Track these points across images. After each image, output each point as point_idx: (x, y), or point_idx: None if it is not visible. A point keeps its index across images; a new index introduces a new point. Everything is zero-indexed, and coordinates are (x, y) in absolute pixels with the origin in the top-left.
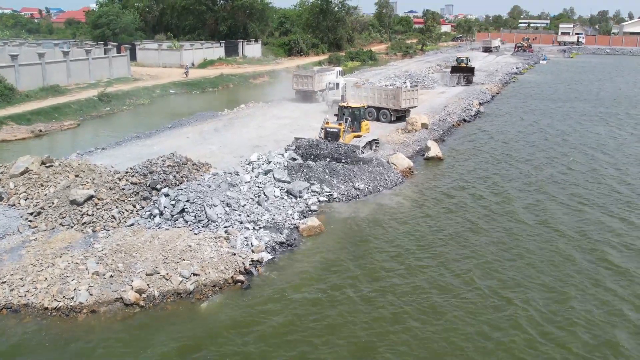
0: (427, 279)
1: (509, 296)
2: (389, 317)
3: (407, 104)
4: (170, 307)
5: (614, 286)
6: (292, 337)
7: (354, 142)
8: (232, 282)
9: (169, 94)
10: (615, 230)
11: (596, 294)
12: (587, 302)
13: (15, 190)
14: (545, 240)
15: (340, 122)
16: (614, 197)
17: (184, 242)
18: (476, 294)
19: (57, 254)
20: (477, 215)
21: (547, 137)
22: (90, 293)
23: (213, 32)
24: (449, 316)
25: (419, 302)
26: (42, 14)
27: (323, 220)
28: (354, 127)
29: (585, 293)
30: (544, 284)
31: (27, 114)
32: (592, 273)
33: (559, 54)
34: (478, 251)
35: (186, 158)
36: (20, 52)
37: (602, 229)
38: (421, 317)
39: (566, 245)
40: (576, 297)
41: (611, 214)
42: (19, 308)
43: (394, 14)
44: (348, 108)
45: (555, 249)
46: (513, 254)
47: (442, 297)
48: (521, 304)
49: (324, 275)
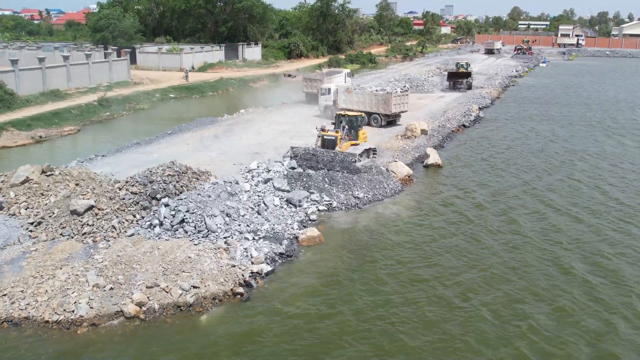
0: (426, 293)
1: (506, 312)
2: (385, 331)
3: (397, 109)
4: (170, 320)
5: (616, 302)
6: (291, 350)
7: (350, 150)
8: (232, 294)
9: (168, 98)
10: (616, 241)
11: (597, 311)
12: (586, 317)
13: (16, 199)
14: (545, 251)
15: (338, 130)
16: (613, 206)
17: (183, 253)
18: (471, 308)
19: (58, 265)
20: (476, 225)
21: (546, 144)
22: (91, 306)
23: (213, 35)
24: (445, 328)
25: (417, 316)
26: (42, 15)
27: (322, 230)
28: (351, 136)
29: (585, 308)
30: (540, 297)
31: (27, 119)
32: (593, 288)
33: (558, 57)
34: (476, 264)
35: (186, 167)
36: (21, 56)
37: (603, 241)
38: (419, 331)
39: (566, 258)
40: (573, 310)
41: (612, 225)
42: (19, 321)
43: (394, 16)
44: (345, 116)
45: (555, 261)
46: (511, 266)
47: (440, 310)
48: (518, 319)
49: (323, 288)
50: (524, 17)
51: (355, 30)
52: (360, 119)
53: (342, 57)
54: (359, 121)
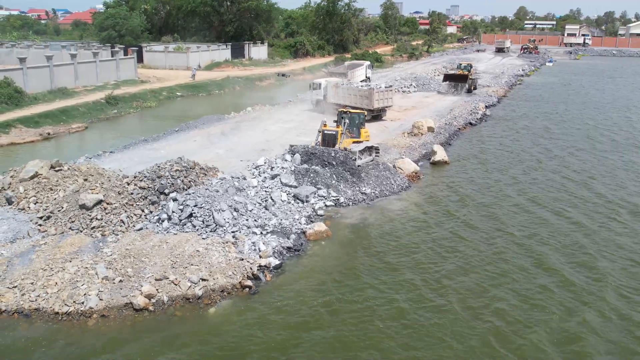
0: (432, 288)
1: (518, 309)
2: (393, 326)
3: (380, 104)
4: (179, 312)
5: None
6: (299, 343)
7: (352, 147)
8: (240, 287)
9: (175, 96)
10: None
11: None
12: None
13: (25, 194)
14: (544, 254)
15: (339, 125)
16: (622, 210)
17: (192, 246)
18: (470, 314)
19: (67, 259)
20: (483, 226)
21: (553, 143)
22: (100, 298)
23: (219, 34)
24: (453, 322)
25: (423, 310)
26: (48, 15)
27: (330, 225)
28: (353, 133)
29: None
30: (536, 303)
31: (35, 116)
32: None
33: (565, 56)
34: (480, 266)
35: (194, 162)
36: (28, 55)
37: (611, 247)
38: (426, 327)
39: (566, 266)
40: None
41: (621, 230)
42: (30, 313)
43: (399, 15)
44: (347, 113)
45: (555, 266)
46: (514, 270)
47: (447, 305)
48: (520, 325)
49: (330, 282)
50: (530, 17)
51: (361, 30)
52: (362, 116)
53: (348, 57)
54: (361, 118)
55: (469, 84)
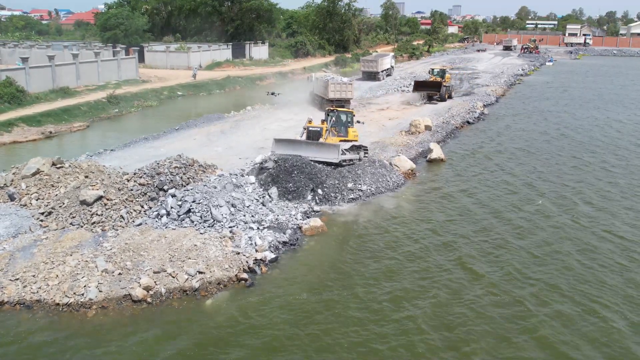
0: (425, 283)
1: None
2: (386, 319)
3: (335, 95)
4: (176, 304)
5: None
6: (293, 334)
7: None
8: (237, 280)
9: (176, 96)
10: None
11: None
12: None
13: (27, 190)
14: (541, 246)
15: (324, 121)
16: (619, 207)
17: (190, 241)
18: (467, 306)
19: (68, 252)
20: (476, 221)
21: (549, 140)
22: (100, 290)
23: (220, 34)
24: (447, 315)
25: (417, 302)
26: (51, 15)
27: (326, 221)
28: (340, 132)
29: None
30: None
31: (37, 115)
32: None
33: (565, 56)
34: (475, 258)
35: (193, 160)
36: (31, 55)
37: (606, 243)
38: (420, 319)
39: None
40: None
41: (617, 230)
42: (31, 304)
43: (400, 15)
44: (334, 111)
45: (554, 265)
46: (505, 267)
47: (444, 298)
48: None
49: (325, 276)
50: (531, 16)
51: (362, 30)
52: (350, 116)
53: (349, 56)
54: (349, 117)
55: (443, 92)
